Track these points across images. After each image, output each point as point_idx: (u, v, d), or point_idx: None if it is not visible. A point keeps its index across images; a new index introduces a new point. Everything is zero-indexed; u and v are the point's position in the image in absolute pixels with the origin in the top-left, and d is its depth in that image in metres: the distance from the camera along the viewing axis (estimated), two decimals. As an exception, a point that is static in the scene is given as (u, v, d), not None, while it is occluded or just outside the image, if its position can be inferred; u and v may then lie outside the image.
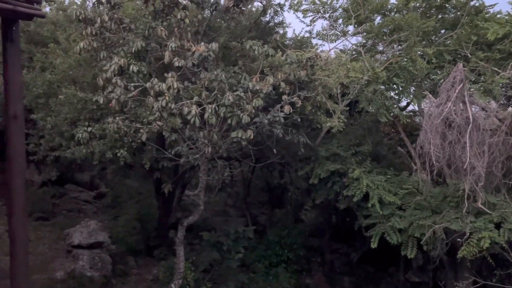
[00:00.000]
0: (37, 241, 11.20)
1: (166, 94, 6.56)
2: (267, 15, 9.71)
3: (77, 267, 9.84)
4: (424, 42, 10.04)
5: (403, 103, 10.64)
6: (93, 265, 9.96)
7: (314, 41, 9.62)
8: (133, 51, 7.29)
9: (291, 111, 7.63)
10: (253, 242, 11.72)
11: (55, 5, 12.56)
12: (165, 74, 7.10)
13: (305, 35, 9.66)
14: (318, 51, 9.00)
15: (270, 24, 9.94)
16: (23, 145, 4.27)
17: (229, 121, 7.22)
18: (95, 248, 10.23)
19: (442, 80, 9.01)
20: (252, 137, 7.28)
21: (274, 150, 8.88)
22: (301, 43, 9.51)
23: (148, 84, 6.72)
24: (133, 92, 6.93)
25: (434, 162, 7.60)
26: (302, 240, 12.63)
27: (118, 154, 7.74)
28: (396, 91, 9.56)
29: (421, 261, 12.14)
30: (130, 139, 7.70)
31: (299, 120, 8.30)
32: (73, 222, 11.74)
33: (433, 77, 9.89)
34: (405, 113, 10.19)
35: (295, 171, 10.41)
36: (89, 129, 7.62)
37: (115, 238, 11.14)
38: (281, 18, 9.92)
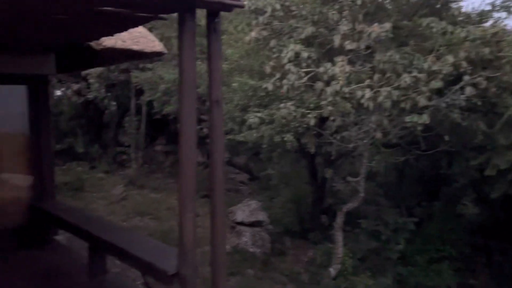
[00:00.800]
0: (204, 216, 12.38)
1: (340, 78, 6.51)
2: (440, -11, 8.86)
3: (240, 243, 10.62)
4: None
5: None
6: (254, 242, 10.63)
7: (496, 15, 8.45)
8: (303, 37, 7.41)
9: (473, 93, 6.89)
10: (410, 235, 11.09)
11: None
12: (335, 58, 7.05)
13: (485, 8, 8.56)
14: (502, 25, 7.93)
15: (443, -1, 9.07)
16: (222, 127, 4.59)
17: (402, 104, 6.85)
18: (255, 226, 10.90)
19: None
20: (428, 121, 6.79)
21: (446, 137, 8.18)
22: (481, 17, 8.47)
23: (321, 69, 6.76)
24: (305, 78, 7.05)
25: None
26: (466, 237, 11.50)
27: (285, 139, 8.02)
28: None
29: None
30: (297, 124, 7.89)
31: (479, 103, 7.45)
32: (232, 201, 12.67)
33: None
34: None
35: (465, 160, 9.43)
36: (259, 114, 8.05)
37: (272, 219, 11.67)
38: (456, -8, 8.98)
